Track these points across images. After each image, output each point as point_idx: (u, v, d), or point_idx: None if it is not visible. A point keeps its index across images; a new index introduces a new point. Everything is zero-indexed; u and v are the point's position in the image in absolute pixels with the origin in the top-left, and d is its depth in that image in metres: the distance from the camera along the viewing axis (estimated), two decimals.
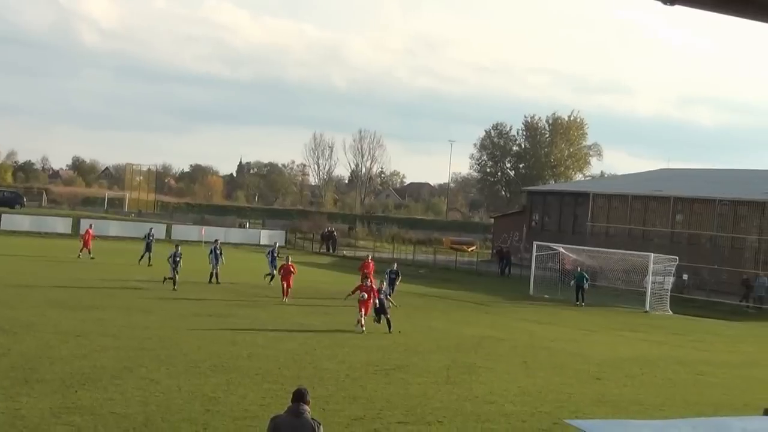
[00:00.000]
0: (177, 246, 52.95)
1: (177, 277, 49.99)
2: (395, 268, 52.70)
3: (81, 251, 66.25)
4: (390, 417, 23.75)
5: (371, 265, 53.17)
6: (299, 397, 14.34)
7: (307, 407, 14.20)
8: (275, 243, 65.34)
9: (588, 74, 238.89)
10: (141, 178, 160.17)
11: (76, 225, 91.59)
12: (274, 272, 53.47)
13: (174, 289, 48.86)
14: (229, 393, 25.14)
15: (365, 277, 48.00)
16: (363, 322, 38.25)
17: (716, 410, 26.86)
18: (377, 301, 39.31)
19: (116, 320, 37.06)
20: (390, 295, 44.75)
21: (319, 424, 14.18)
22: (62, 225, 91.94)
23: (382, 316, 39.01)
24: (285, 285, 48.31)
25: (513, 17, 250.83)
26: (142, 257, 63.00)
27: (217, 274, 54.00)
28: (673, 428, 15.61)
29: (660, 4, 7.25)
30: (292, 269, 48.94)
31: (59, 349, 29.90)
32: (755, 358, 41.12)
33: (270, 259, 56.57)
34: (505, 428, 23.65)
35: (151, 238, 64.81)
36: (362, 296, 39.43)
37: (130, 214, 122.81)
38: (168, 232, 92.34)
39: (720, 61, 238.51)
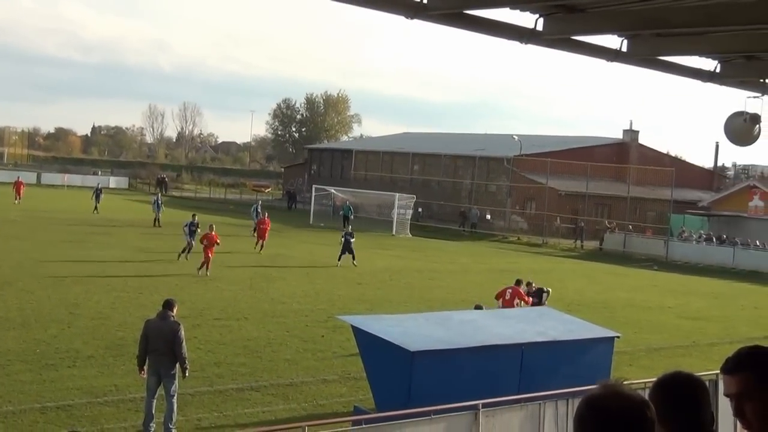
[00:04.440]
0: (194, 215, 37.74)
1: (193, 242, 35.33)
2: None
3: (17, 199, 60.59)
4: (209, 315, 23.59)
5: (215, 236, 32.59)
6: (167, 305, 14.09)
7: (171, 313, 13.89)
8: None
9: (349, 63, 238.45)
10: (17, 137, 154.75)
11: None
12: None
13: (186, 258, 34.91)
14: (87, 299, 24.52)
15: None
16: None
17: (442, 305, 27.60)
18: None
19: None
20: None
21: (179, 324, 13.92)
22: None
23: None
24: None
25: (292, 19, 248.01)
26: (95, 208, 57.19)
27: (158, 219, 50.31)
28: (412, 320, 15.98)
29: (402, 17, 7.19)
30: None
31: None
32: (469, 268, 42.37)
33: (344, 243, 38.87)
34: (294, 321, 23.77)
35: (99, 191, 59.16)
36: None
37: (8, 165, 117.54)
38: (38, 178, 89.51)
39: (449, 53, 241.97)
